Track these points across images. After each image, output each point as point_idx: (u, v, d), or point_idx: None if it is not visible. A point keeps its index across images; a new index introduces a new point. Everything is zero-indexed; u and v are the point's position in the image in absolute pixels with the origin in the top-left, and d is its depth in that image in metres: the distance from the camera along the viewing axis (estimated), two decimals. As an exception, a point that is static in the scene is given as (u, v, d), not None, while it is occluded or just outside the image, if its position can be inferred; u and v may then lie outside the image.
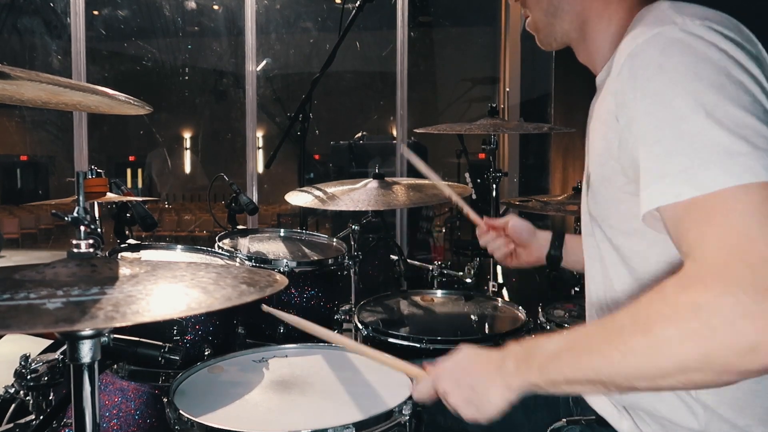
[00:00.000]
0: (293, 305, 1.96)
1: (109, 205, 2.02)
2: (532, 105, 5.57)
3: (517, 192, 5.64)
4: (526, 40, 5.64)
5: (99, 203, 1.89)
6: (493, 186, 3.01)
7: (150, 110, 1.27)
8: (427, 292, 2.23)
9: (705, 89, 0.84)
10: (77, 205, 0.87)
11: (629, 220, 1.01)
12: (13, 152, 11.75)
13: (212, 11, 7.90)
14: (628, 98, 0.91)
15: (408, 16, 4.77)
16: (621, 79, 0.93)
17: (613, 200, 1.03)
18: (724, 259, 0.78)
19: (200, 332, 1.63)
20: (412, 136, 4.89)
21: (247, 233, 2.36)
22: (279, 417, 1.20)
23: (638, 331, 0.82)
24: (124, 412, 1.54)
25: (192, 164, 11.16)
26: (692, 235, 0.82)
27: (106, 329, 0.82)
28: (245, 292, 0.80)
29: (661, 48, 0.89)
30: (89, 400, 0.84)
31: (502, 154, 5.76)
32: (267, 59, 6.69)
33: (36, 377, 1.26)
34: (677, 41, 0.88)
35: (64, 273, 0.81)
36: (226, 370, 1.43)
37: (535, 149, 5.55)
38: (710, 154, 0.81)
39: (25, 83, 1.02)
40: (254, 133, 4.71)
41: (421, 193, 2.09)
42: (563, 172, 4.61)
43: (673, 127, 0.84)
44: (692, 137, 0.83)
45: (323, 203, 2.08)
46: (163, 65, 8.98)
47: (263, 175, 4.97)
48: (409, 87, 4.80)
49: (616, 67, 0.96)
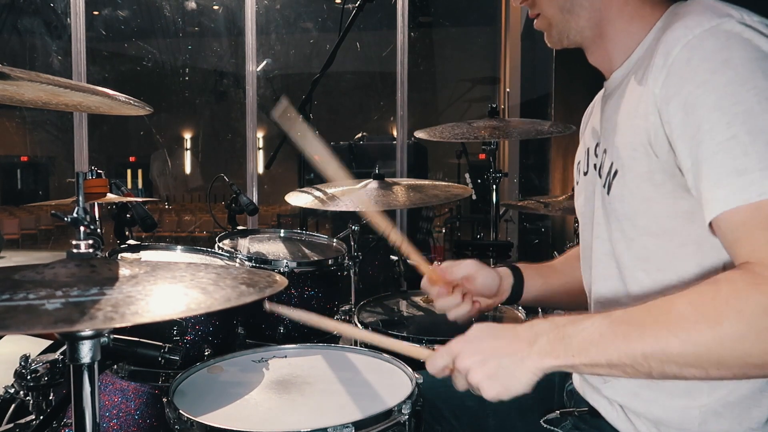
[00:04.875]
0: (293, 306, 1.96)
1: (109, 206, 2.02)
2: (532, 105, 5.57)
3: (517, 192, 5.64)
4: (526, 40, 5.64)
5: (99, 204, 1.89)
6: (493, 186, 3.01)
7: (150, 111, 1.27)
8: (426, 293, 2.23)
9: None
10: (77, 206, 0.87)
11: (660, 220, 0.99)
12: (13, 153, 11.74)
13: (212, 11, 7.90)
14: (686, 90, 0.89)
15: (408, 16, 4.77)
16: (671, 71, 0.91)
17: (644, 199, 1.00)
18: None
19: (200, 332, 1.63)
20: (412, 137, 4.89)
21: (247, 234, 2.36)
22: (279, 417, 1.20)
23: (703, 320, 0.82)
24: (124, 412, 1.54)
25: (192, 165, 11.16)
26: (762, 236, 0.83)
27: (106, 330, 0.82)
28: (245, 293, 0.80)
29: (723, 41, 0.88)
30: (89, 400, 0.84)
31: (502, 155, 5.76)
32: (267, 60, 6.69)
33: (36, 377, 1.26)
34: (737, 35, 0.88)
35: (63, 273, 0.81)
36: (226, 370, 1.43)
37: (535, 150, 5.55)
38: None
39: (26, 84, 1.02)
40: (254, 134, 4.71)
41: (421, 193, 2.09)
42: (563, 173, 4.61)
43: (748, 123, 0.84)
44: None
45: (323, 204, 2.08)
46: (163, 66, 8.98)
47: (263, 176, 4.96)
48: (410, 87, 4.80)
49: (661, 58, 0.93)
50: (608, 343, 0.88)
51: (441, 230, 5.93)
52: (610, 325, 0.89)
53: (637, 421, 1.06)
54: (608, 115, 1.10)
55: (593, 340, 0.89)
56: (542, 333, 0.94)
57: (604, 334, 0.89)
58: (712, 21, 0.90)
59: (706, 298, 0.84)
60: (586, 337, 0.90)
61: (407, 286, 2.48)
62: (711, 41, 0.88)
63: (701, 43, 0.89)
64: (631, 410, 1.07)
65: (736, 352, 0.80)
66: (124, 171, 10.37)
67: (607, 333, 0.89)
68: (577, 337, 0.91)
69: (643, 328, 0.86)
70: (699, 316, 0.83)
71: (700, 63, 0.88)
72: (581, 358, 0.89)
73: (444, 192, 2.09)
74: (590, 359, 0.89)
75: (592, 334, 0.90)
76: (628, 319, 0.89)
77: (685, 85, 0.89)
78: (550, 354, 0.92)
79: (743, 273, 0.83)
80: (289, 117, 1.32)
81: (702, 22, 0.90)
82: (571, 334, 0.91)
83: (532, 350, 0.93)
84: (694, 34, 0.90)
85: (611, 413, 1.11)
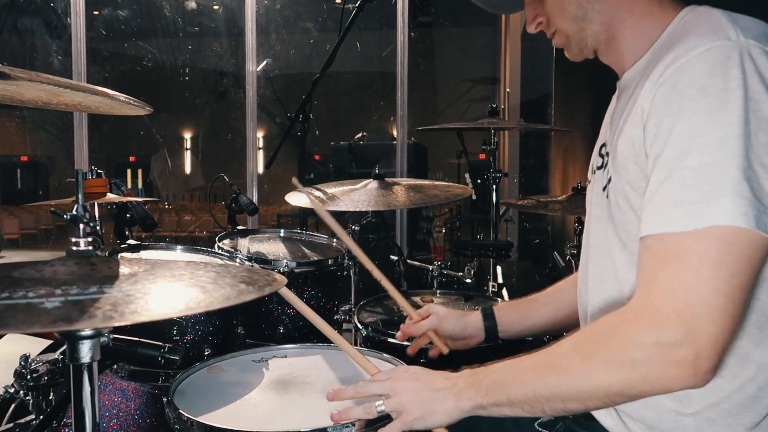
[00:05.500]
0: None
1: (109, 206, 2.02)
2: (532, 105, 5.57)
3: (517, 192, 5.64)
4: (526, 40, 5.64)
5: (99, 204, 1.89)
6: (493, 186, 3.02)
7: (150, 111, 1.27)
8: (426, 293, 2.23)
9: (737, 123, 0.86)
10: (76, 204, 0.87)
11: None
12: (13, 153, 11.74)
13: (212, 11, 7.90)
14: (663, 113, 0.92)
15: (408, 16, 4.77)
16: (659, 90, 0.93)
17: (631, 207, 1.01)
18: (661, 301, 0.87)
19: (200, 332, 1.63)
20: (412, 137, 4.89)
21: (247, 234, 2.36)
22: (279, 417, 1.20)
23: (577, 356, 0.93)
24: (124, 412, 1.54)
25: (192, 165, 11.16)
26: (658, 269, 0.89)
27: (105, 329, 0.82)
28: (244, 292, 0.80)
29: (709, 67, 0.89)
30: (89, 400, 0.84)
31: (502, 155, 5.76)
32: (267, 59, 6.69)
33: (36, 377, 1.26)
34: (725, 60, 0.89)
35: (62, 271, 0.81)
36: (226, 370, 1.43)
37: (535, 149, 5.55)
38: (713, 193, 0.85)
39: (26, 84, 1.02)
40: (254, 134, 4.71)
41: (421, 193, 2.09)
42: (563, 173, 4.61)
43: (703, 156, 0.86)
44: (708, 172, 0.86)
45: (323, 204, 2.07)
46: (163, 66, 8.98)
47: (263, 176, 4.97)
48: (410, 87, 4.80)
49: (657, 73, 0.95)
50: (508, 383, 0.98)
51: (441, 230, 5.93)
52: (512, 367, 1.00)
53: (632, 424, 1.06)
54: (616, 116, 1.11)
55: (498, 381, 1.00)
56: (462, 377, 1.05)
57: (506, 374, 1.00)
58: (709, 44, 0.91)
59: (585, 336, 0.96)
60: (493, 380, 1.00)
61: (407, 286, 2.48)
62: (699, 65, 0.90)
63: (691, 67, 0.91)
64: (626, 414, 1.07)
65: (599, 383, 0.89)
66: (124, 171, 10.37)
67: (508, 374, 1.00)
68: (486, 380, 1.01)
69: (534, 368, 0.97)
70: (575, 354, 0.93)
71: (684, 89, 0.90)
72: (488, 398, 0.99)
73: (444, 192, 2.09)
74: (495, 399, 0.99)
75: (497, 377, 1.00)
76: (528, 360, 0.99)
77: (665, 108, 0.92)
78: (464, 395, 1.02)
79: (623, 310, 0.92)
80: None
81: (699, 45, 0.91)
82: (482, 378, 1.02)
83: (452, 391, 1.03)
84: (687, 58, 0.91)
85: (606, 416, 1.11)
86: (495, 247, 2.98)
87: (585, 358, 0.91)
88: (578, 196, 2.54)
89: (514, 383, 0.97)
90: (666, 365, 0.84)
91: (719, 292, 0.83)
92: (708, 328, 0.83)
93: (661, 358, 0.84)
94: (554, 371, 0.94)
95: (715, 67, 0.89)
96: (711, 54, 0.90)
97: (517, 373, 0.99)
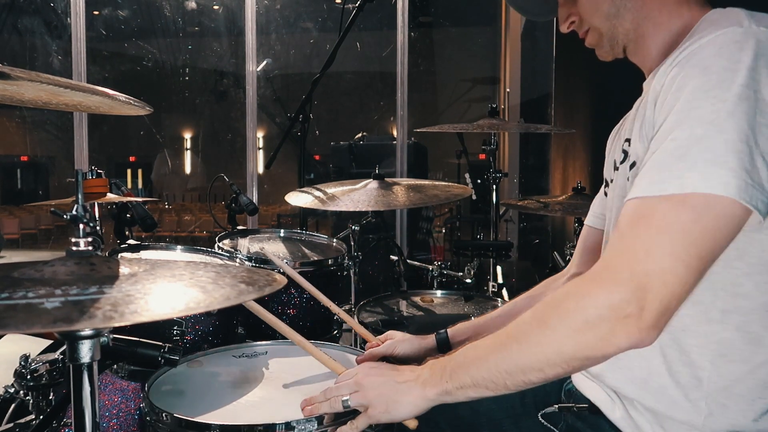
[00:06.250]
0: (293, 305, 1.96)
1: (109, 206, 2.02)
2: (532, 105, 5.57)
3: (517, 192, 5.64)
4: (526, 40, 5.64)
5: (99, 204, 1.89)
6: (493, 186, 3.02)
7: (150, 111, 1.27)
8: (426, 293, 2.23)
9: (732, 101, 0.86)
10: (76, 203, 0.87)
11: None
12: (13, 152, 11.73)
13: (212, 11, 7.90)
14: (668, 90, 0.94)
15: (408, 16, 4.78)
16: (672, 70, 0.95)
17: None
18: (620, 261, 0.87)
19: (200, 332, 1.63)
20: (412, 137, 4.89)
21: (247, 234, 2.36)
22: (250, 411, 1.19)
23: (535, 323, 0.93)
24: (124, 412, 1.54)
25: (192, 164, 11.15)
26: (629, 233, 0.89)
27: (105, 329, 0.82)
28: (244, 292, 0.80)
29: (717, 49, 0.91)
30: (89, 400, 0.84)
31: (502, 155, 5.77)
32: (267, 59, 6.69)
33: (36, 377, 1.26)
34: (732, 44, 0.90)
35: (62, 271, 0.81)
36: (205, 364, 1.44)
37: (535, 150, 5.55)
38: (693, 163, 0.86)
39: (26, 84, 1.02)
40: (254, 134, 4.71)
41: (421, 193, 2.09)
42: (563, 173, 4.61)
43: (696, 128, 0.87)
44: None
45: (323, 204, 2.08)
46: (163, 66, 8.98)
47: (263, 176, 4.97)
48: (410, 87, 4.81)
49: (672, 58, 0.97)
50: (470, 363, 0.99)
51: (441, 230, 5.93)
52: (474, 348, 1.01)
53: (638, 417, 1.05)
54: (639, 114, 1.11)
55: (460, 363, 1.00)
56: (427, 367, 1.06)
57: (468, 356, 1.00)
58: (719, 30, 0.93)
59: (544, 302, 0.95)
60: (456, 363, 1.01)
61: (407, 286, 2.48)
62: (708, 48, 0.92)
63: (701, 49, 0.93)
64: (638, 402, 1.05)
65: (555, 347, 0.89)
66: (124, 171, 10.37)
67: (470, 355, 1.00)
68: (449, 365, 1.02)
69: (495, 344, 0.97)
70: (533, 321, 0.94)
71: (690, 69, 0.92)
72: (452, 382, 1.00)
73: (444, 192, 2.10)
74: (459, 382, 0.99)
75: (460, 360, 1.01)
76: (491, 339, 0.99)
77: (670, 86, 0.94)
78: (429, 383, 1.03)
79: (586, 273, 0.91)
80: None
81: (712, 32, 0.93)
82: (446, 363, 1.03)
83: (417, 382, 1.04)
84: (700, 43, 0.93)
85: (611, 409, 1.10)
86: (495, 247, 2.98)
87: (541, 323, 0.92)
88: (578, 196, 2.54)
89: (476, 361, 0.98)
90: (615, 322, 0.85)
91: (677, 257, 0.84)
92: (657, 286, 0.84)
93: (610, 316, 0.85)
94: (514, 341, 0.94)
95: (723, 49, 0.90)
96: (720, 38, 0.92)
97: (479, 351, 0.99)
